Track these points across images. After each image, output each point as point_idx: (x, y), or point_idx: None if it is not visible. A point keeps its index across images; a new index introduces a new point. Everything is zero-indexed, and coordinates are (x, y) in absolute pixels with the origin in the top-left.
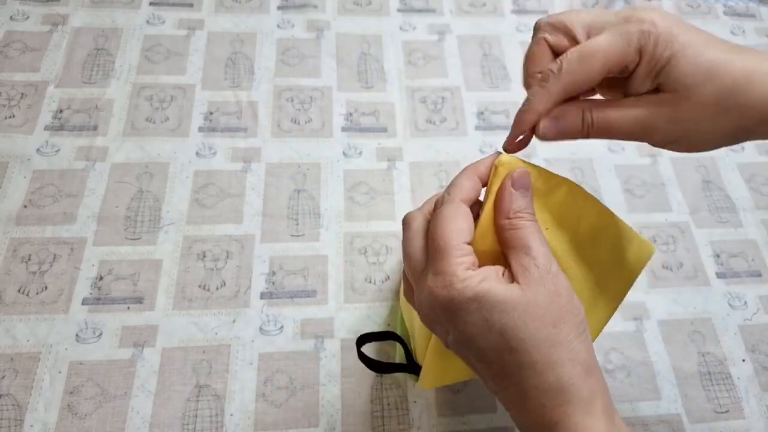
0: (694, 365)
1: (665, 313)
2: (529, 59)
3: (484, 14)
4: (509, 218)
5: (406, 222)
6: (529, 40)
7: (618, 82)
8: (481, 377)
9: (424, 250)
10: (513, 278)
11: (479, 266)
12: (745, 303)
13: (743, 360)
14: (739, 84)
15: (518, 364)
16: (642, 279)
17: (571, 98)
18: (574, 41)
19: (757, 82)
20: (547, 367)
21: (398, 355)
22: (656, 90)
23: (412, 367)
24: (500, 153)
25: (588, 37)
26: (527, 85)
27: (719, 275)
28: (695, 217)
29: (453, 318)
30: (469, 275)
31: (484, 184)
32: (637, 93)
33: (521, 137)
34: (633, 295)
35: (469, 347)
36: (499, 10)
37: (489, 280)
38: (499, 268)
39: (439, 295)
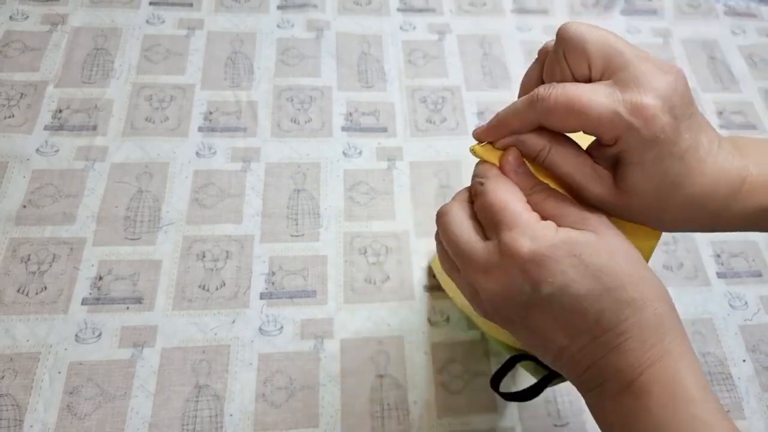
0: None
1: None
2: (545, 63)
3: (484, 14)
4: (529, 194)
5: (442, 213)
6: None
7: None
8: (558, 336)
9: (474, 230)
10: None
11: None
12: (746, 303)
13: (744, 360)
14: (689, 204)
15: (617, 303)
16: None
17: None
18: (588, 69)
19: (723, 206)
20: (645, 301)
21: (527, 370)
22: (613, 166)
23: (551, 374)
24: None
25: (601, 74)
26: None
27: (720, 275)
28: None
29: (540, 270)
30: (544, 224)
31: None
32: (595, 156)
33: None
34: None
35: (561, 300)
36: (499, 10)
37: (564, 229)
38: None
39: (521, 247)
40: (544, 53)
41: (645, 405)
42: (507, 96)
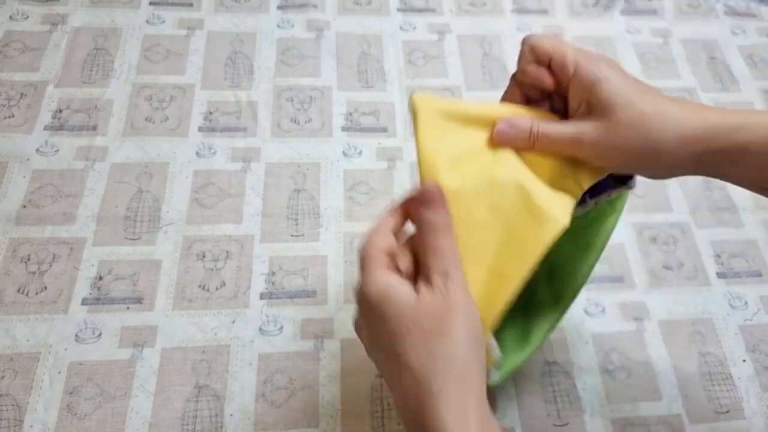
0: (694, 365)
1: (666, 313)
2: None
3: (484, 14)
4: (421, 227)
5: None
6: None
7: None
8: (383, 375)
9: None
10: (425, 278)
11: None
12: (746, 303)
13: (744, 360)
14: (649, 113)
15: (398, 365)
16: (642, 279)
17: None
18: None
19: (664, 116)
20: (421, 373)
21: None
22: (588, 111)
23: None
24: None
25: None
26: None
27: (720, 275)
28: (696, 217)
29: (365, 314)
30: (379, 274)
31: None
32: (574, 113)
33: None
34: (633, 295)
35: (376, 341)
36: (499, 10)
37: (393, 284)
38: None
39: (356, 292)
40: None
41: None
42: None
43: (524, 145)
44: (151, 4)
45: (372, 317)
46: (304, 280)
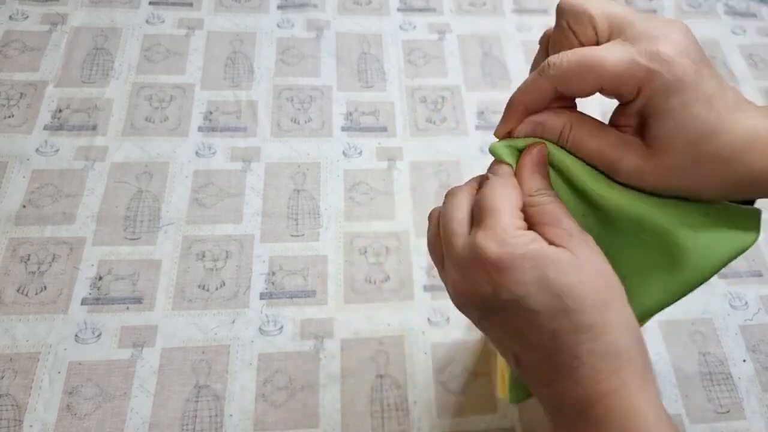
0: (694, 365)
1: (665, 313)
2: (549, 44)
3: (484, 13)
4: (532, 195)
5: (448, 194)
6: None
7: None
8: (519, 346)
9: (469, 214)
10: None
11: None
12: (746, 303)
13: (744, 360)
14: (727, 155)
15: (574, 326)
16: None
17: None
18: (594, 34)
19: (727, 135)
20: (605, 329)
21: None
22: (639, 129)
23: None
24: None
25: (608, 37)
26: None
27: (720, 275)
28: None
29: (502, 277)
30: (521, 233)
31: None
32: (620, 124)
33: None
34: None
35: (516, 311)
36: (500, 10)
37: (540, 242)
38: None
39: (488, 249)
40: (546, 39)
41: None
42: (507, 96)
43: (554, 141)
44: (150, 3)
45: (520, 280)
46: (304, 280)
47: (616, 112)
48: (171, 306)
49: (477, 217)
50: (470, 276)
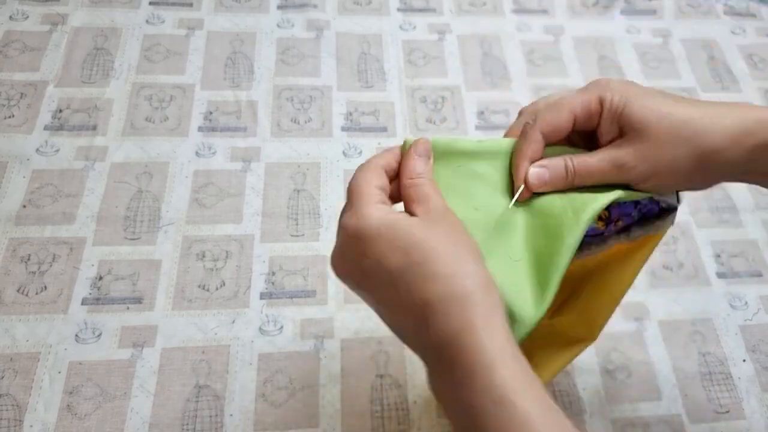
0: (694, 365)
1: (666, 313)
2: (512, 131)
3: (484, 14)
4: (411, 178)
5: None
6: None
7: (592, 141)
8: (385, 310)
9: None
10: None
11: None
12: (746, 303)
13: (744, 360)
14: (691, 118)
15: (423, 276)
16: (642, 279)
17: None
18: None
19: (707, 117)
20: (453, 276)
21: None
22: (621, 135)
23: None
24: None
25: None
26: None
27: (720, 275)
28: (696, 217)
29: (362, 246)
30: (378, 207)
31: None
32: (606, 142)
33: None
34: (633, 295)
35: (378, 275)
36: (500, 10)
37: (394, 213)
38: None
39: (349, 225)
40: (520, 113)
41: (454, 378)
42: (507, 95)
43: (563, 183)
44: (150, 4)
45: (376, 246)
46: (304, 280)
47: (598, 145)
48: (171, 306)
49: (347, 200)
50: (342, 248)
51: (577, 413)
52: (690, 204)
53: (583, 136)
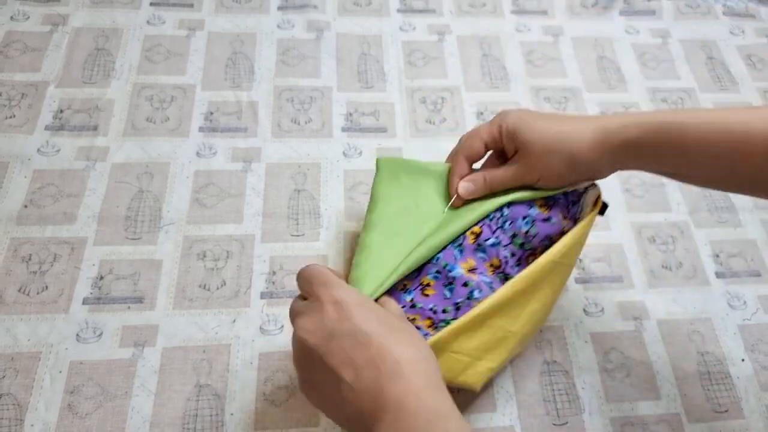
0: (693, 365)
1: (664, 312)
2: (449, 158)
3: (483, 15)
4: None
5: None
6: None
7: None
8: (352, 371)
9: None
10: None
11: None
12: (745, 303)
13: (742, 360)
14: (561, 133)
15: (396, 340)
16: (641, 279)
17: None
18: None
19: (574, 132)
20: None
21: None
22: (516, 151)
23: None
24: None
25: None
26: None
27: (718, 275)
28: (694, 217)
29: (344, 311)
30: (351, 288)
31: None
32: (511, 156)
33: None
34: (632, 295)
35: (355, 334)
36: (499, 11)
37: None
38: None
39: (336, 296)
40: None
41: (413, 417)
42: (506, 96)
43: (484, 191)
44: (151, 4)
45: (355, 309)
46: None
47: (507, 157)
48: (172, 305)
49: (311, 283)
50: (318, 316)
51: (576, 412)
52: (688, 204)
53: (501, 154)
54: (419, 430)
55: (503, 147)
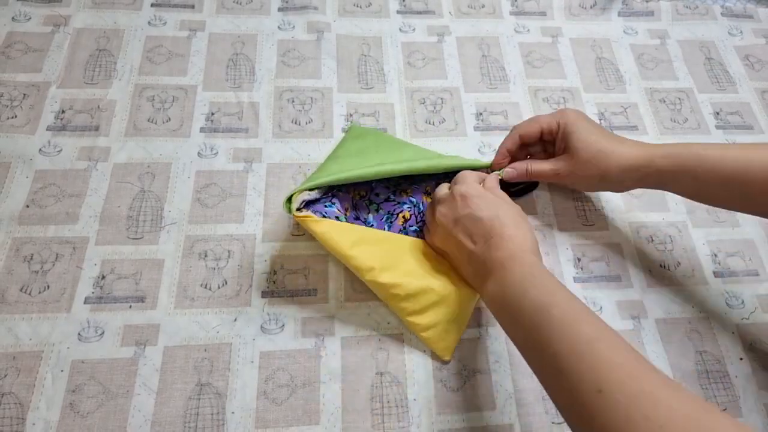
0: (691, 364)
1: (663, 312)
2: (497, 155)
3: (482, 16)
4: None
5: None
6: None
7: (550, 153)
8: (471, 242)
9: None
10: None
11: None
12: (743, 302)
13: (741, 359)
14: (602, 151)
15: (499, 223)
16: (640, 278)
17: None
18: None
19: (614, 153)
20: (511, 227)
21: None
22: (565, 151)
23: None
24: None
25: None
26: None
27: (716, 274)
28: (692, 217)
29: (465, 201)
30: (479, 185)
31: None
32: (560, 150)
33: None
34: (631, 294)
35: (473, 218)
36: (498, 12)
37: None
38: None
39: (459, 190)
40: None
41: (510, 273)
42: (505, 97)
43: (523, 178)
44: (153, 5)
45: (473, 200)
46: (305, 278)
47: (554, 150)
48: (173, 305)
49: (454, 182)
50: (449, 204)
51: None
52: (687, 203)
53: (550, 144)
54: (515, 280)
55: (554, 140)
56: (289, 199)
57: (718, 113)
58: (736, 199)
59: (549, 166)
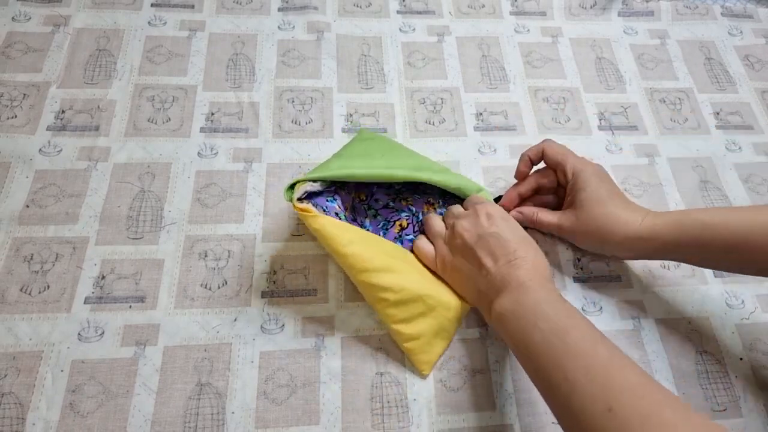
0: (691, 364)
1: (663, 311)
2: (520, 163)
3: (483, 16)
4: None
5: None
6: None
7: (560, 196)
8: (492, 260)
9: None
10: None
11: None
12: (743, 302)
13: (741, 359)
14: (607, 216)
15: (523, 245)
16: (640, 278)
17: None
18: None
19: (619, 221)
20: (532, 252)
21: None
22: (571, 204)
23: None
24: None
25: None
26: (516, 175)
27: (717, 274)
28: None
29: (491, 221)
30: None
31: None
32: (565, 205)
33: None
34: (631, 294)
35: (498, 237)
36: (498, 12)
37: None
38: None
39: (487, 210)
40: (526, 156)
41: (532, 292)
42: (505, 97)
43: (528, 224)
44: (152, 5)
45: (499, 221)
46: (305, 278)
47: (563, 206)
48: (173, 305)
49: (474, 202)
50: (474, 221)
51: None
52: (686, 203)
53: (561, 189)
54: (537, 298)
55: (566, 184)
56: (291, 188)
57: (718, 113)
58: (740, 264)
59: (554, 220)
